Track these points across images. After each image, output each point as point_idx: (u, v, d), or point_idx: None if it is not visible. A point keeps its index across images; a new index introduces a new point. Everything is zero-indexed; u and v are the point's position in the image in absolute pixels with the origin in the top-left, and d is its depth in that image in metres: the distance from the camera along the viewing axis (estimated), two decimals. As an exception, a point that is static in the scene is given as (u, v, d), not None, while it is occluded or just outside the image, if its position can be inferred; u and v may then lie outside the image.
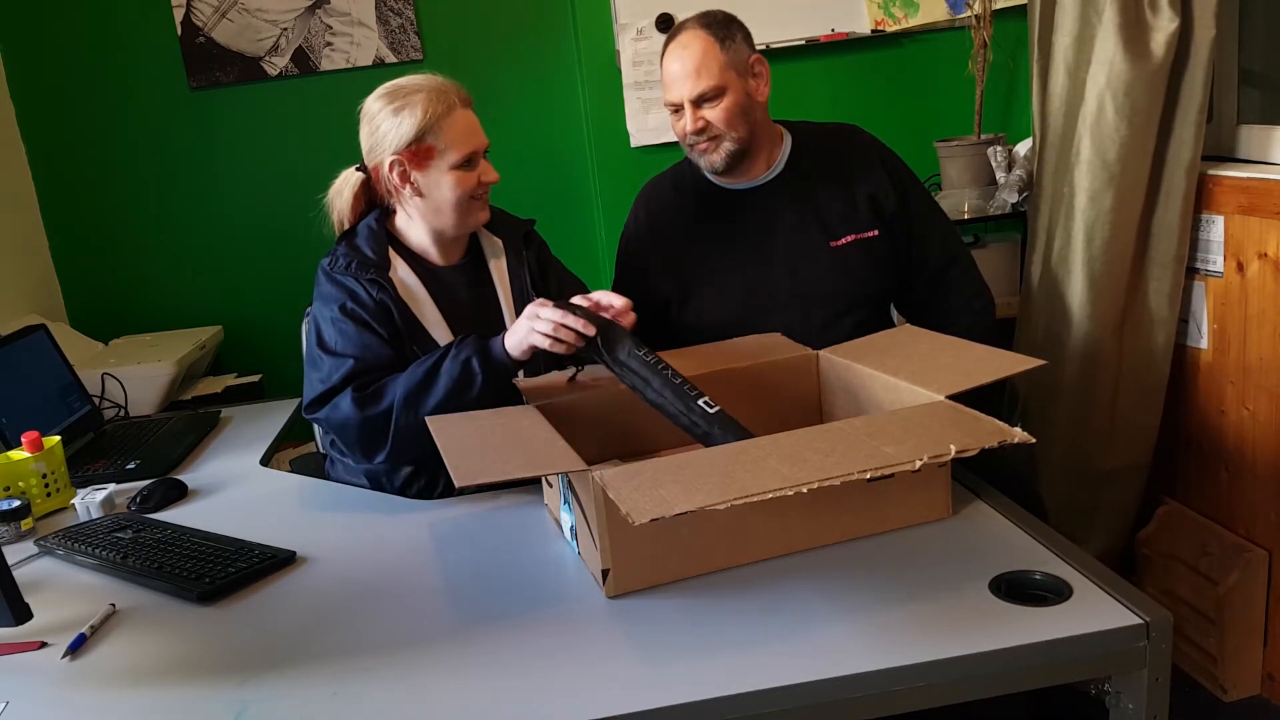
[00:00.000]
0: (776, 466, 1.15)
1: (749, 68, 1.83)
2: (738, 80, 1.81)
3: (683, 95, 1.81)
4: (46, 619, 1.34)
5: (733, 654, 1.11)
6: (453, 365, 1.56)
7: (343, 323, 1.66)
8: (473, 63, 2.78)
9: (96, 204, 2.78)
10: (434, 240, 1.74)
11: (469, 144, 1.67)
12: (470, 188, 1.68)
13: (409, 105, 1.64)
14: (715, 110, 1.81)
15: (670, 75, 1.83)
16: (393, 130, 1.65)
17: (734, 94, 1.81)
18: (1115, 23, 2.04)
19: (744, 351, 1.71)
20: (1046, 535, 1.30)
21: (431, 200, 1.69)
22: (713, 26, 1.82)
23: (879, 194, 1.90)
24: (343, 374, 1.62)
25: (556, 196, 2.85)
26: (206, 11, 2.67)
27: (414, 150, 1.65)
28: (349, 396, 1.60)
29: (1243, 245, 2.04)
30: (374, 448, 1.61)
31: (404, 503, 1.67)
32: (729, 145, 1.83)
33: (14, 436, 1.85)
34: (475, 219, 1.73)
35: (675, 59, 1.82)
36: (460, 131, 1.66)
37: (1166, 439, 2.27)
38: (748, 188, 1.92)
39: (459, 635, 1.22)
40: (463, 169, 1.67)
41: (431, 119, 1.64)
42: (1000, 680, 1.09)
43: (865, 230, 1.88)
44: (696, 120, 1.82)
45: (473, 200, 1.70)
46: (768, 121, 1.91)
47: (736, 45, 1.82)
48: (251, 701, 1.13)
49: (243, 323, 2.80)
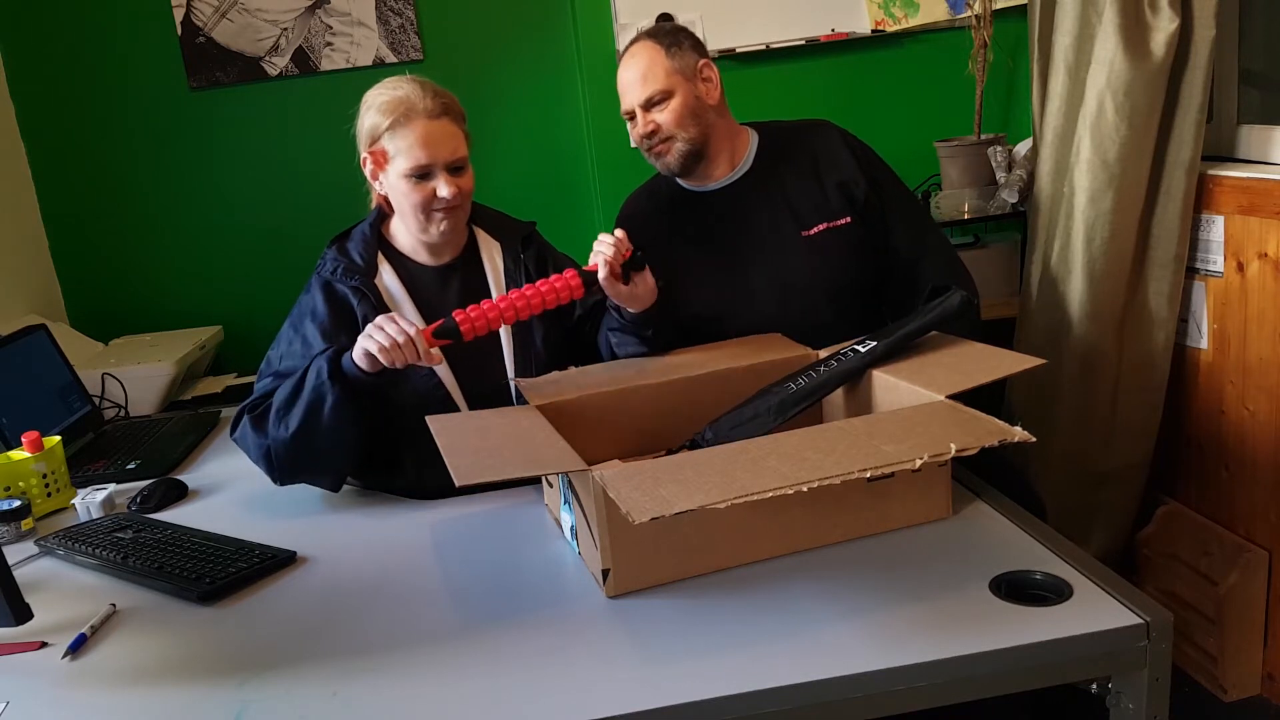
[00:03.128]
0: (776, 466, 1.15)
1: (697, 72, 1.89)
2: (685, 84, 1.88)
3: (633, 101, 1.90)
4: (46, 619, 1.34)
5: (733, 654, 1.11)
6: (312, 373, 1.56)
7: (294, 340, 1.68)
8: (473, 63, 2.78)
9: (96, 204, 2.78)
10: (419, 242, 1.75)
11: (422, 156, 1.62)
12: (422, 200, 1.65)
13: (374, 106, 1.66)
14: (664, 113, 1.87)
15: (622, 85, 1.92)
16: (361, 126, 1.69)
17: (682, 96, 1.87)
18: (1115, 23, 2.04)
19: (744, 351, 1.71)
20: (1046, 535, 1.30)
21: (394, 203, 1.71)
22: (659, 36, 1.90)
23: (848, 181, 1.92)
24: (258, 391, 1.66)
25: (556, 196, 2.85)
26: (206, 11, 2.67)
27: (372, 151, 1.68)
28: (246, 418, 1.64)
29: (1243, 245, 2.04)
30: (271, 469, 1.63)
31: (404, 503, 1.67)
32: (681, 145, 1.89)
33: (14, 436, 1.85)
34: (437, 230, 1.68)
35: (626, 68, 1.91)
36: (414, 141, 1.62)
37: (1166, 439, 2.27)
38: (716, 188, 1.96)
39: (459, 635, 1.22)
40: (416, 179, 1.64)
41: (384, 125, 1.64)
42: (1000, 680, 1.09)
43: (837, 218, 1.91)
44: (647, 124, 1.89)
45: (432, 212, 1.67)
46: (725, 123, 1.95)
47: (683, 51, 1.89)
48: (251, 701, 1.13)
49: (243, 323, 2.80)
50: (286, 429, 1.57)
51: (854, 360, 1.53)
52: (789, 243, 1.90)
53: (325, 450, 1.60)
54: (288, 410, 1.58)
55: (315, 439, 1.57)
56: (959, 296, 1.57)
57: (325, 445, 1.59)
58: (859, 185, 1.92)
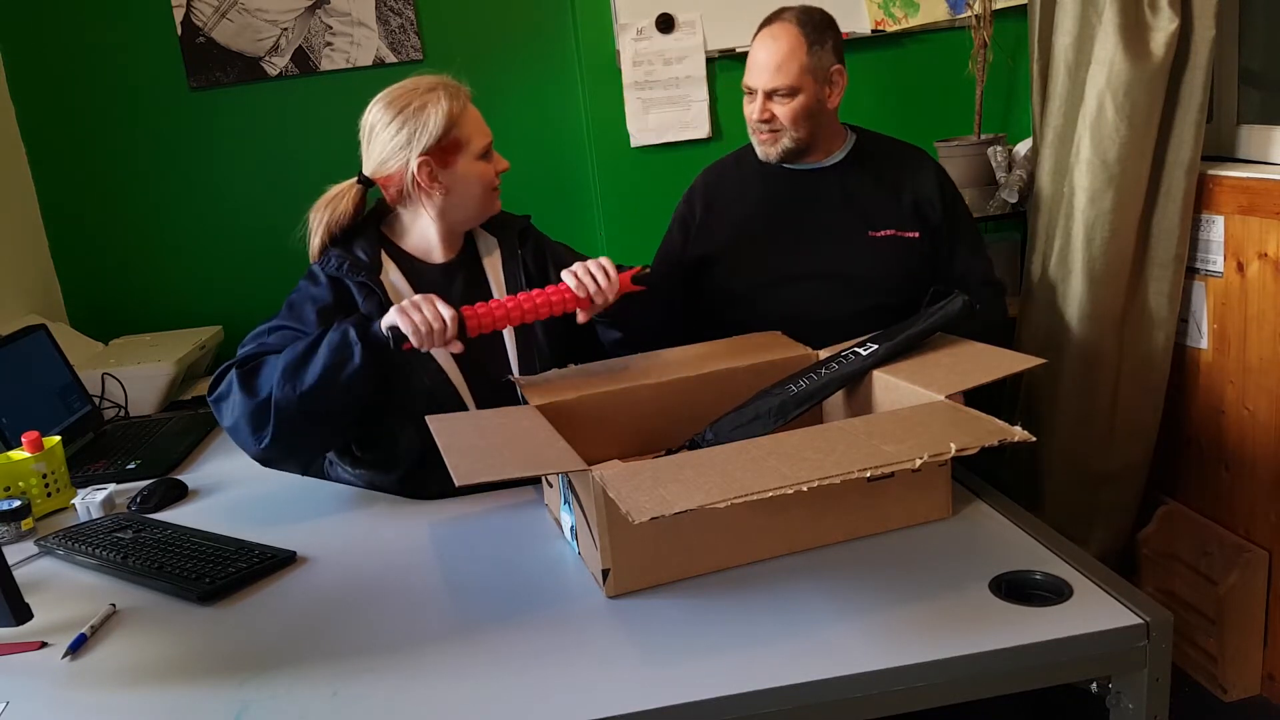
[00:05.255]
0: (776, 465, 1.15)
1: (828, 75, 1.90)
2: (813, 84, 1.88)
3: (758, 84, 1.89)
4: (46, 619, 1.34)
5: (733, 654, 1.11)
6: (334, 334, 1.54)
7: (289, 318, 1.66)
8: (473, 63, 2.76)
9: (96, 204, 2.77)
10: (442, 237, 1.74)
11: (486, 134, 1.71)
12: (491, 177, 1.72)
13: (431, 103, 1.64)
14: (784, 107, 1.88)
15: (753, 60, 1.90)
16: (419, 130, 1.64)
17: (806, 97, 1.88)
18: (1115, 23, 2.04)
19: (744, 351, 1.71)
20: (1046, 535, 1.30)
21: (455, 195, 1.70)
22: (807, 26, 1.88)
23: (926, 204, 1.95)
24: (245, 353, 1.62)
25: (556, 196, 2.85)
26: (206, 11, 2.67)
27: (443, 146, 1.65)
28: (234, 373, 1.59)
29: (1243, 245, 2.04)
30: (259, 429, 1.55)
31: (404, 503, 1.67)
32: (787, 142, 1.91)
33: (14, 436, 1.85)
34: (494, 207, 1.76)
35: (763, 46, 1.89)
36: (477, 123, 1.70)
37: (1166, 439, 2.27)
38: (801, 169, 1.99)
39: (459, 635, 1.22)
40: (484, 159, 1.70)
41: (456, 113, 1.65)
42: (1000, 680, 1.09)
43: (907, 229, 1.93)
44: (764, 110, 1.90)
45: (493, 190, 1.73)
46: (833, 124, 1.98)
47: (824, 51, 1.89)
48: (251, 701, 1.13)
49: (243, 323, 2.76)
50: (296, 388, 1.52)
51: (855, 363, 1.53)
52: (851, 237, 1.93)
53: (333, 413, 1.55)
54: (300, 368, 1.53)
55: (328, 400, 1.52)
56: (960, 301, 1.57)
57: (335, 408, 1.54)
58: (935, 210, 1.94)
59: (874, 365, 1.52)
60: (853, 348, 1.58)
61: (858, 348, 1.57)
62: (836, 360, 1.56)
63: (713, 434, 1.50)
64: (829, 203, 1.97)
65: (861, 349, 1.56)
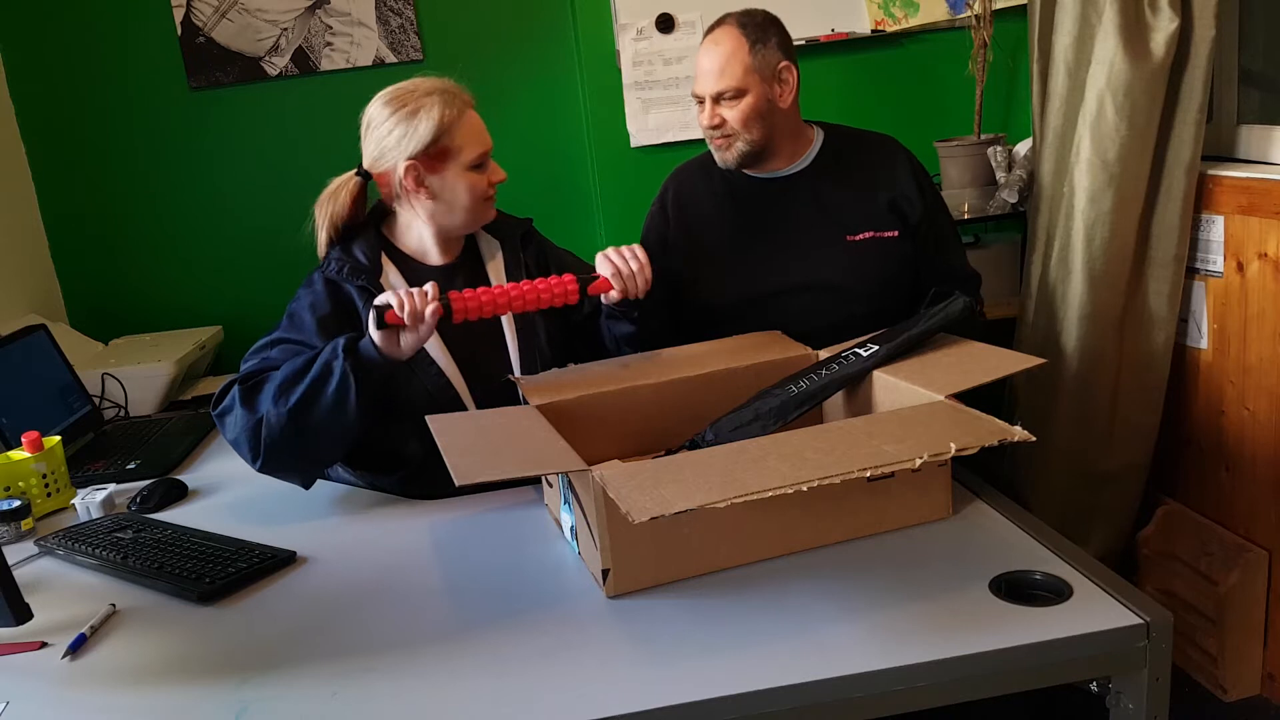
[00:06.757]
0: (776, 465, 1.15)
1: (776, 73, 1.86)
2: (760, 84, 1.84)
3: (704, 90, 1.87)
4: (46, 619, 1.34)
5: (733, 654, 1.11)
6: (326, 352, 1.54)
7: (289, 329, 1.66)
8: (473, 63, 2.77)
9: (96, 204, 2.78)
10: (436, 240, 1.74)
11: (481, 145, 1.68)
12: (483, 188, 1.70)
13: (424, 108, 1.64)
14: (733, 110, 1.85)
15: (699, 67, 1.89)
16: (408, 134, 1.64)
17: (753, 97, 1.84)
18: (1115, 23, 2.04)
19: (744, 351, 1.71)
20: (1046, 535, 1.30)
21: (443, 202, 1.69)
22: (748, 27, 1.86)
23: (903, 201, 1.91)
24: (249, 368, 1.62)
25: (556, 197, 2.85)
26: (206, 11, 2.67)
27: (430, 153, 1.65)
28: (236, 389, 1.59)
29: (1243, 245, 2.04)
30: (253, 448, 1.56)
31: (404, 503, 1.67)
32: (742, 145, 1.87)
33: (14, 436, 1.85)
34: (486, 216, 1.74)
35: (705, 53, 1.87)
36: (473, 133, 1.67)
37: (1166, 439, 2.27)
38: (771, 177, 1.95)
39: (459, 635, 1.22)
40: (476, 170, 1.68)
41: (448, 121, 1.64)
42: (1000, 680, 1.09)
43: (885, 230, 1.90)
44: (714, 116, 1.87)
45: (485, 200, 1.71)
46: (793, 124, 1.93)
47: (768, 49, 1.85)
48: (251, 701, 1.13)
49: (243, 323, 2.79)
50: (285, 405, 1.52)
51: (855, 364, 1.53)
52: (829, 244, 1.90)
53: (318, 430, 1.54)
54: (291, 386, 1.53)
55: (312, 417, 1.52)
56: (962, 302, 1.57)
57: (320, 424, 1.53)
58: (913, 206, 1.91)
59: (874, 366, 1.52)
60: (853, 348, 1.58)
61: (858, 348, 1.57)
62: (837, 361, 1.56)
63: (713, 434, 1.50)
64: (803, 211, 1.93)
65: (862, 350, 1.56)
